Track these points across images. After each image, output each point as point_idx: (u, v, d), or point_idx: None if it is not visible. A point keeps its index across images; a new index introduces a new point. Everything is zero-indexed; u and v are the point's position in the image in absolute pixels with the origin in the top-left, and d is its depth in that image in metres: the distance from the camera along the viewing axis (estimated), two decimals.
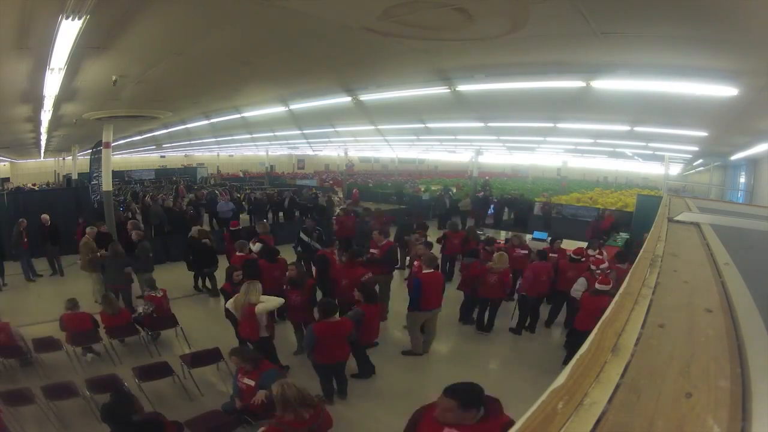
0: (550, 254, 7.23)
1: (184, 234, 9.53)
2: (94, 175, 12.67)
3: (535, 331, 6.93)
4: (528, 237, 10.29)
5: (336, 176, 31.82)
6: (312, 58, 5.60)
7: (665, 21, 3.51)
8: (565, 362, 6.00)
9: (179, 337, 6.18)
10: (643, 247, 2.32)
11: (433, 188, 23.28)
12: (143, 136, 17.41)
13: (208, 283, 8.50)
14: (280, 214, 15.03)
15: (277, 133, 17.84)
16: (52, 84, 5.63)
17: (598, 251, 7.72)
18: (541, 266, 6.71)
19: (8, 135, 12.70)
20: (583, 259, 7.06)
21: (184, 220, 11.67)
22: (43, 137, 13.19)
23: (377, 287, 6.29)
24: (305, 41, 4.81)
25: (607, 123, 9.76)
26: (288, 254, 7.74)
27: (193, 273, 8.55)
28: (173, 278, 8.64)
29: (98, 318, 5.94)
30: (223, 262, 8.25)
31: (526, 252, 7.94)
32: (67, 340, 5.54)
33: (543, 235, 10.39)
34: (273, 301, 5.06)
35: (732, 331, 1.21)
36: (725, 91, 4.91)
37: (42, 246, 9.54)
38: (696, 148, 11.89)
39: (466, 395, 2.42)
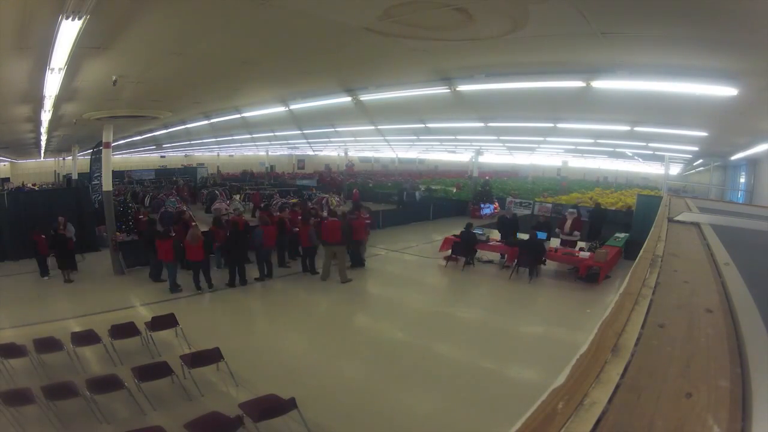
0: None
1: None
2: (95, 175, 12.68)
3: None
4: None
5: (336, 176, 31.76)
6: (312, 58, 5.60)
7: (665, 21, 3.51)
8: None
9: (179, 337, 6.18)
10: (644, 247, 2.32)
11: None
12: (143, 136, 17.41)
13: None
14: None
15: (277, 133, 17.84)
16: (52, 84, 5.62)
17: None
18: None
19: (8, 135, 12.69)
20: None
21: None
22: (43, 137, 13.17)
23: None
24: (305, 41, 4.81)
25: (607, 123, 9.77)
26: None
27: None
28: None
29: None
30: None
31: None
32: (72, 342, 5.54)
33: (543, 234, 10.43)
34: None
35: (732, 331, 1.20)
36: (725, 91, 4.90)
37: None
38: (696, 148, 11.91)
39: None
